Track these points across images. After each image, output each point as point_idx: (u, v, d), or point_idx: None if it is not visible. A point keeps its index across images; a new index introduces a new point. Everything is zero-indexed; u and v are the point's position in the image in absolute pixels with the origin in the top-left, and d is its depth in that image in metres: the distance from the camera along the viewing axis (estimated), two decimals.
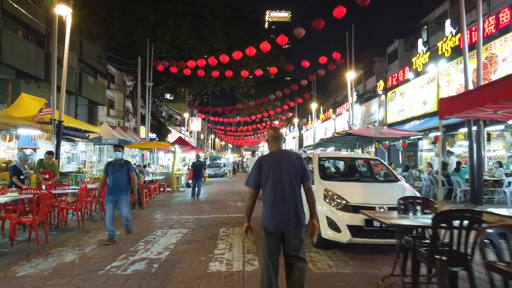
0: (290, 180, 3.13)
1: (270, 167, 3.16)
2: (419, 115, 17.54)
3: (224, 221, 8.25)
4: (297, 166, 3.19)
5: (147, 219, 8.54)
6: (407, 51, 32.02)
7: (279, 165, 3.16)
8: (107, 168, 6.26)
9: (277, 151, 3.30)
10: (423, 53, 17.33)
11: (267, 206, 3.16)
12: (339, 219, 5.16)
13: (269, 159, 3.26)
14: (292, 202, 3.10)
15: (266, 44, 16.29)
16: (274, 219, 3.10)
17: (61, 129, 11.87)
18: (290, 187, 3.12)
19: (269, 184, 3.13)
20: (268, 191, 3.14)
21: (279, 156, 3.24)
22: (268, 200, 3.14)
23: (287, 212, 3.08)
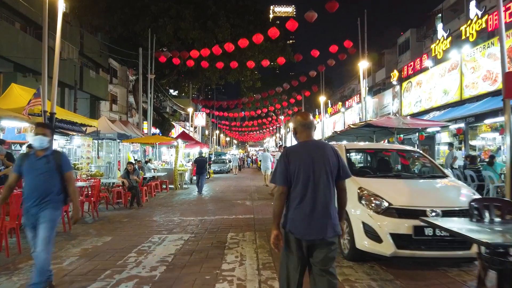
0: (325, 177, 2.57)
1: (301, 161, 2.58)
2: (439, 105, 16.33)
3: (232, 223, 7.19)
4: (333, 161, 2.63)
5: (144, 222, 7.50)
6: (420, 41, 30.73)
7: (312, 158, 2.59)
8: (20, 165, 3.57)
9: (308, 142, 2.69)
10: (443, 39, 16.08)
11: (294, 206, 2.57)
12: (379, 226, 4.07)
13: (299, 150, 2.66)
14: (327, 204, 2.56)
15: (275, 30, 15.14)
16: (303, 223, 2.52)
17: (53, 122, 10.86)
18: (325, 186, 2.56)
19: (299, 180, 2.56)
20: (297, 189, 2.56)
21: (312, 148, 2.64)
22: (297, 199, 2.56)
23: (321, 215, 2.53)
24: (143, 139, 17.16)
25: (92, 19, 24.23)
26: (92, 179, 9.08)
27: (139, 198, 9.80)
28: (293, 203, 2.57)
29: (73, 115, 13.26)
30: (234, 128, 59.07)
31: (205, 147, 27.88)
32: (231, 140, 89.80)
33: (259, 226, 6.81)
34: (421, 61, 18.25)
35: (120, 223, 7.36)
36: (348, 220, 4.45)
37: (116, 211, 9.17)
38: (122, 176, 10.00)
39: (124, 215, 8.35)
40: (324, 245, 2.51)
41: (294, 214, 2.54)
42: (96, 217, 8.07)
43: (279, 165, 2.65)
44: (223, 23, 24.82)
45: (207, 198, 11.93)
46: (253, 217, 7.93)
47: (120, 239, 5.88)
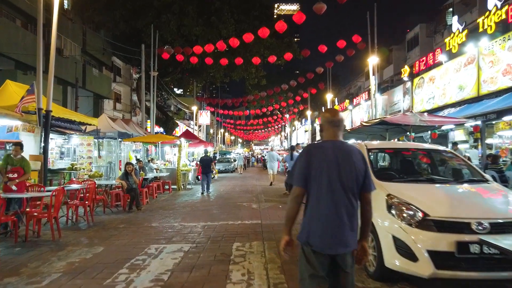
0: (351, 185, 2.26)
1: (325, 161, 2.27)
2: (454, 102, 15.55)
3: (238, 230, 6.54)
4: (360, 167, 2.31)
5: (141, 228, 6.87)
6: (430, 36, 29.84)
7: (337, 159, 2.27)
8: None
9: (335, 142, 2.37)
10: (458, 32, 15.31)
11: (315, 214, 2.26)
12: (414, 242, 3.40)
13: (324, 150, 2.32)
14: (352, 216, 2.24)
15: (282, 24, 14.46)
16: (325, 236, 2.21)
17: (49, 120, 10.30)
18: (350, 195, 2.25)
19: (322, 184, 2.24)
20: (318, 194, 2.25)
21: (338, 149, 2.32)
22: (318, 206, 2.25)
23: (344, 229, 2.22)
24: (145, 138, 16.56)
25: (94, 15, 23.73)
26: (88, 181, 8.48)
27: (138, 201, 9.19)
28: (312, 209, 2.24)
29: (71, 113, 12.71)
30: (239, 126, 58.36)
31: (210, 146, 27.27)
32: (236, 139, 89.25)
33: (267, 234, 6.16)
34: (434, 56, 17.47)
35: (116, 229, 6.74)
36: (374, 232, 3.79)
37: (113, 215, 8.57)
38: (120, 177, 9.40)
39: (121, 220, 7.75)
40: (344, 260, 2.21)
41: (313, 224, 2.22)
42: (91, 222, 7.48)
43: (299, 163, 2.33)
44: (227, 19, 24.19)
45: (211, 200, 11.31)
46: (261, 222, 7.28)
47: (112, 249, 5.27)
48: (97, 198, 8.84)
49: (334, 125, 2.38)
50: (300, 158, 2.36)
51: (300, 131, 53.86)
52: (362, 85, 43.67)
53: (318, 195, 2.22)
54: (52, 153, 12.19)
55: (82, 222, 7.59)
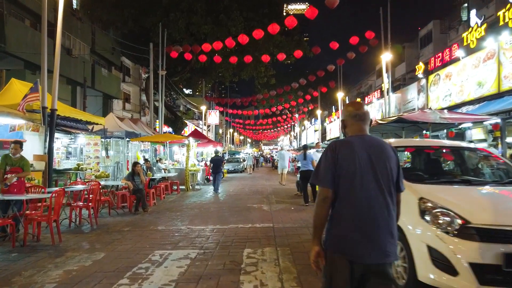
0: (388, 183, 2.01)
1: (356, 158, 2.00)
2: (472, 99, 14.90)
3: (249, 235, 6.12)
4: (394, 165, 2.07)
5: (146, 232, 6.50)
6: (444, 33, 29.09)
7: (370, 156, 2.02)
8: None
9: (364, 137, 2.12)
10: (477, 26, 14.70)
11: (346, 218, 1.98)
12: (454, 252, 2.95)
13: (353, 146, 2.05)
14: (390, 219, 1.97)
15: (292, 19, 14.01)
16: (358, 243, 1.92)
17: (54, 119, 10.03)
18: (387, 195, 1.99)
19: (354, 183, 1.97)
20: (350, 195, 1.97)
21: (369, 144, 2.07)
22: (350, 210, 1.97)
23: (382, 233, 1.93)
24: (153, 138, 16.27)
25: (102, 14, 23.59)
26: (92, 182, 8.15)
27: (144, 202, 8.84)
28: (343, 213, 1.97)
29: (77, 112, 12.46)
30: (248, 126, 57.97)
31: (219, 145, 26.94)
32: (245, 139, 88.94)
33: (280, 239, 5.73)
34: (451, 52, 16.84)
35: (120, 233, 6.39)
36: (405, 241, 3.34)
37: (119, 217, 8.24)
38: (126, 178, 9.06)
39: (126, 223, 7.40)
40: (382, 273, 1.92)
41: (345, 229, 1.95)
42: (94, 225, 7.14)
43: (324, 161, 2.06)
44: (236, 17, 23.85)
45: (220, 201, 10.92)
46: (273, 226, 6.85)
47: (114, 256, 4.90)
48: (102, 200, 8.52)
49: (359, 119, 2.14)
50: (325, 156, 2.08)
51: (309, 131, 53.25)
52: (373, 83, 42.94)
53: (350, 196, 1.96)
54: (58, 153, 11.94)
55: (85, 224, 7.27)
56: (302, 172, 9.85)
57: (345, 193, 1.97)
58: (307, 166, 9.76)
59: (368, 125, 2.18)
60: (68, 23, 22.48)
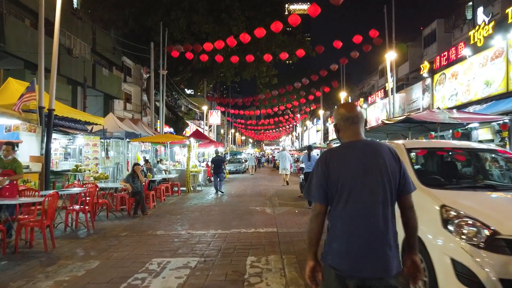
0: (383, 192, 1.83)
1: (347, 169, 1.85)
2: (479, 98, 14.57)
3: (252, 241, 5.83)
4: (393, 168, 1.87)
5: (144, 237, 6.21)
6: (448, 32, 28.74)
7: (363, 165, 1.85)
8: None
9: (356, 142, 1.94)
10: (484, 24, 14.36)
11: (340, 232, 1.84)
12: (482, 267, 2.65)
13: (343, 154, 1.92)
14: (386, 228, 1.80)
15: (296, 17, 13.71)
16: (353, 257, 1.78)
17: (51, 119, 9.78)
18: (383, 204, 1.82)
19: (345, 197, 1.82)
20: (343, 208, 1.83)
21: (362, 150, 1.90)
22: (344, 222, 1.83)
23: (379, 244, 1.78)
24: (153, 138, 15.99)
25: (103, 13, 23.36)
26: (89, 184, 7.88)
27: (143, 205, 8.55)
28: (337, 226, 1.86)
29: (75, 112, 12.19)
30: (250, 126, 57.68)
31: (220, 146, 26.67)
32: (247, 139, 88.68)
33: (285, 246, 5.44)
34: (457, 50, 16.51)
35: (117, 238, 6.11)
36: (425, 252, 3.05)
37: (117, 220, 7.96)
38: (125, 180, 8.78)
39: (124, 227, 7.11)
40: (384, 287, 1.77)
41: (339, 242, 1.83)
42: (91, 230, 6.87)
43: (315, 175, 1.94)
44: (238, 16, 23.57)
45: (222, 204, 10.63)
46: (277, 231, 6.55)
47: (109, 264, 4.61)
48: (100, 202, 8.24)
49: (353, 122, 1.96)
50: (316, 169, 1.95)
51: (312, 131, 52.95)
52: (375, 83, 42.64)
53: (344, 209, 1.83)
54: (56, 154, 11.68)
55: (82, 228, 6.99)
56: (306, 174, 9.55)
57: (339, 206, 1.85)
58: (311, 167, 9.44)
59: (362, 127, 2.01)
60: (69, 22, 22.29)
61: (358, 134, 1.95)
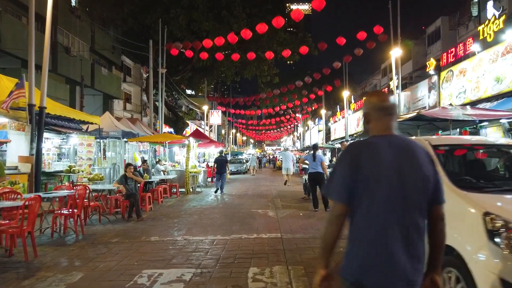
0: (419, 199, 1.61)
1: (380, 165, 1.60)
2: (489, 95, 14.03)
3: (254, 248, 5.30)
4: (428, 171, 1.64)
5: (136, 244, 5.69)
6: (453, 29, 28.23)
7: (399, 163, 1.61)
8: None
9: (391, 138, 1.68)
10: (494, 19, 13.83)
11: (363, 241, 1.59)
12: None
13: (377, 149, 1.63)
14: (417, 245, 1.58)
15: (298, 12, 13.20)
16: (384, 268, 1.54)
17: (43, 117, 9.28)
18: (417, 212, 1.60)
19: (376, 198, 1.58)
20: (370, 212, 1.59)
21: (397, 148, 1.64)
22: (370, 228, 1.58)
23: (405, 261, 1.54)
24: (151, 138, 15.49)
25: (101, 11, 22.92)
26: (79, 186, 7.37)
27: (138, 208, 8.04)
28: (361, 233, 1.60)
29: (69, 110, 11.68)
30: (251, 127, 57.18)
31: (221, 146, 26.16)
32: (248, 140, 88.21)
33: (291, 254, 4.91)
34: (465, 46, 15.96)
35: (106, 245, 5.59)
36: (463, 268, 2.52)
37: (110, 224, 7.45)
38: (118, 181, 8.27)
39: (116, 232, 6.60)
40: None
41: (362, 253, 1.58)
42: (80, 235, 6.35)
43: (340, 170, 1.69)
44: (239, 13, 23.10)
45: (222, 206, 10.11)
46: (281, 236, 6.03)
47: (93, 277, 4.10)
48: (92, 205, 7.74)
49: (386, 114, 1.73)
50: (341, 162, 1.71)
51: (313, 131, 52.41)
52: (378, 83, 42.18)
53: (370, 214, 1.59)
54: (49, 154, 11.18)
55: (71, 233, 6.48)
56: (311, 175, 9.01)
57: (365, 210, 1.60)
58: (316, 167, 8.91)
59: (395, 121, 1.76)
60: (67, 20, 21.85)
61: (390, 127, 1.72)
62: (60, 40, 21.39)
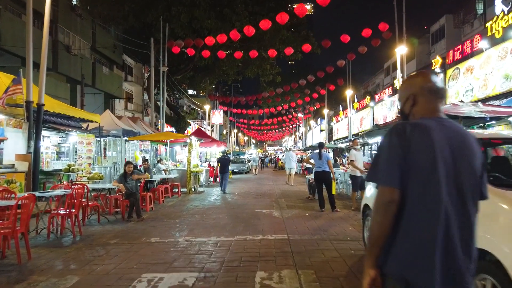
0: (472, 192, 1.48)
1: (436, 153, 1.43)
2: (498, 93, 13.71)
3: (260, 250, 5.02)
4: (478, 163, 1.52)
5: (136, 246, 5.41)
6: (458, 27, 27.92)
7: (453, 153, 1.46)
8: None
9: (443, 121, 1.53)
10: (503, 14, 13.52)
11: (413, 236, 1.42)
12: None
13: (431, 133, 1.46)
14: (471, 241, 1.45)
15: (302, 7, 12.90)
16: (433, 268, 1.37)
17: (41, 114, 9.01)
18: (471, 207, 1.46)
19: (429, 188, 1.41)
20: (420, 204, 1.42)
21: (451, 134, 1.49)
22: (420, 223, 1.41)
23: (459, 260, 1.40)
24: (152, 136, 15.22)
25: (102, 10, 22.69)
26: (76, 185, 7.11)
27: (139, 208, 7.76)
28: (410, 226, 1.42)
29: (68, 108, 11.42)
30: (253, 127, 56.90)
31: (223, 145, 25.91)
32: (249, 139, 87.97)
33: (300, 257, 4.62)
34: (472, 43, 15.64)
35: (104, 247, 5.32)
36: (504, 277, 2.23)
37: (109, 225, 7.18)
38: (118, 180, 8.00)
39: (115, 233, 6.33)
40: None
41: (412, 249, 1.40)
42: (77, 236, 6.09)
43: (388, 150, 1.48)
44: (241, 11, 22.82)
45: (225, 206, 9.83)
46: (288, 238, 5.74)
47: (90, 281, 3.83)
48: (90, 205, 7.47)
49: (438, 96, 1.59)
50: (389, 143, 1.50)
51: (315, 131, 52.10)
52: (380, 82, 41.90)
53: (422, 204, 1.42)
54: (48, 152, 10.91)
55: (68, 234, 6.21)
56: (317, 174, 8.72)
57: (415, 199, 1.43)
58: (323, 166, 8.61)
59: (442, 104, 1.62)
60: (67, 19, 21.62)
61: (440, 111, 1.58)
62: (60, 39, 21.17)
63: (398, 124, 1.54)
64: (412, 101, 1.62)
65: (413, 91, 1.62)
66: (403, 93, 1.68)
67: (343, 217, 7.61)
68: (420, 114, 1.59)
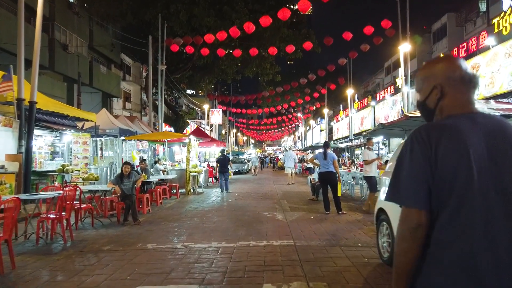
0: None
1: (471, 160, 1.17)
2: (505, 91, 13.37)
3: (265, 258, 4.63)
4: None
5: (130, 253, 5.01)
6: (460, 26, 27.59)
7: (492, 154, 1.20)
8: None
9: (476, 117, 1.26)
10: (511, 11, 13.16)
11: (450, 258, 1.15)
12: None
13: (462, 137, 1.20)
14: None
15: (305, 2, 12.51)
16: None
17: (33, 113, 8.61)
18: None
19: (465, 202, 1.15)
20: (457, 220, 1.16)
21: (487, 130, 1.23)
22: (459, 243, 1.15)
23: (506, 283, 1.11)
24: (150, 136, 14.82)
25: (100, 7, 22.28)
26: (67, 187, 6.70)
27: (135, 211, 7.36)
28: (446, 247, 1.16)
29: (62, 106, 11.01)
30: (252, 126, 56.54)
31: (222, 145, 25.51)
32: (249, 139, 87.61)
33: (309, 266, 4.23)
34: (478, 41, 15.30)
35: (96, 254, 4.92)
36: None
37: (103, 229, 6.78)
38: (113, 181, 7.59)
39: (109, 238, 5.93)
40: None
41: (449, 274, 1.13)
42: (69, 242, 5.69)
43: (410, 163, 1.22)
44: (241, 9, 22.45)
45: (225, 208, 9.44)
46: (294, 244, 5.35)
47: None
48: (84, 208, 7.07)
49: (470, 86, 1.31)
50: (411, 155, 1.22)
51: (315, 131, 51.75)
52: (381, 81, 41.60)
53: (459, 221, 1.14)
54: (41, 152, 10.51)
55: (59, 240, 5.81)
56: (321, 174, 8.33)
57: (450, 215, 1.16)
58: (328, 167, 8.23)
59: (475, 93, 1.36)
60: (64, 17, 21.21)
61: (473, 104, 1.31)
62: (57, 37, 20.76)
63: (421, 128, 1.26)
64: (439, 92, 1.32)
65: (439, 80, 1.32)
66: (425, 84, 1.36)
67: (351, 220, 7.23)
68: (449, 109, 1.31)
